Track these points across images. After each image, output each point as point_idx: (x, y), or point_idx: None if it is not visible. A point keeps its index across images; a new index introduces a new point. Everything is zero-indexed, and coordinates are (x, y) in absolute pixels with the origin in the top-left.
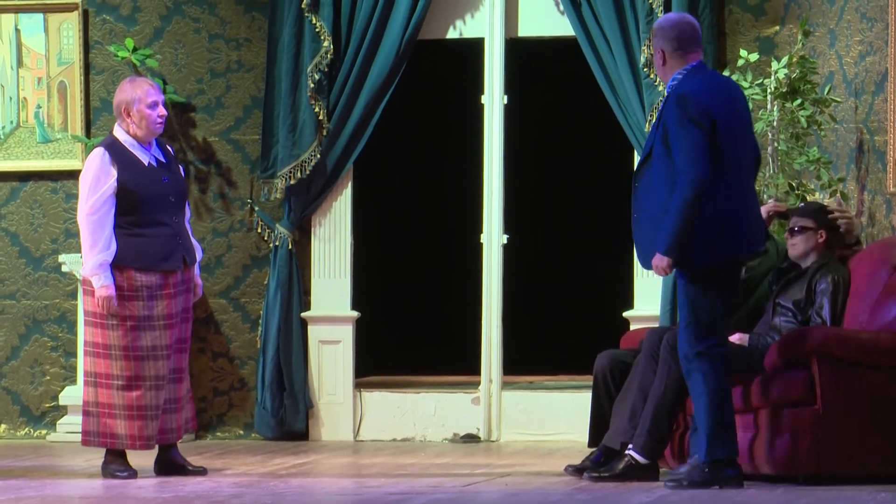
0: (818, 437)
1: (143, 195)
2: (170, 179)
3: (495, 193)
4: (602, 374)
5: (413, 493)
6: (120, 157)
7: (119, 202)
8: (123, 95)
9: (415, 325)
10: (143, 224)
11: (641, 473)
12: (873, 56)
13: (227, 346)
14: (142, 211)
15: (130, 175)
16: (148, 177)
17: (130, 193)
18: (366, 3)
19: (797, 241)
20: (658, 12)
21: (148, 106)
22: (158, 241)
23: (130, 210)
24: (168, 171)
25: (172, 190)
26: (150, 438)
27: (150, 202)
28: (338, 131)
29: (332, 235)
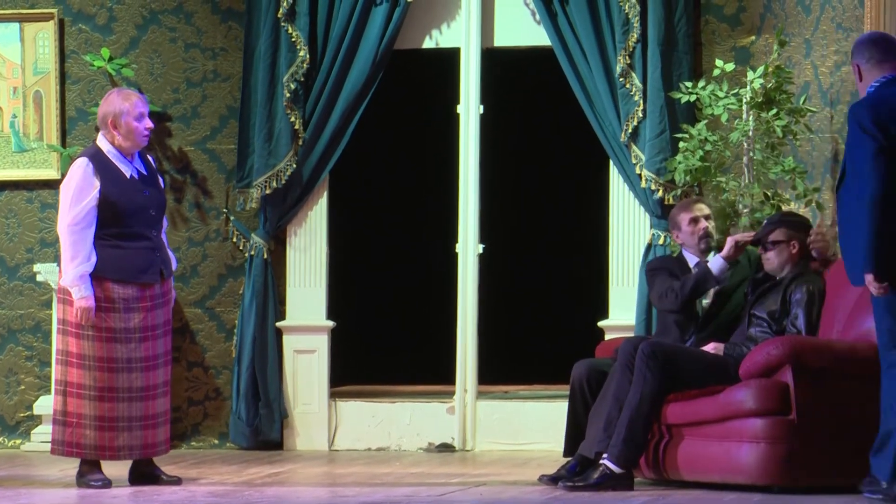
0: (793, 446)
1: (124, 207)
2: (151, 192)
3: (471, 203)
4: (579, 383)
5: (388, 502)
6: (103, 169)
7: (100, 214)
8: (111, 107)
9: (390, 334)
10: (124, 236)
11: (616, 483)
12: (848, 66)
13: (202, 356)
14: (123, 223)
15: (113, 187)
16: (130, 189)
17: (112, 205)
18: (342, 12)
19: (771, 255)
20: (634, 23)
21: (135, 118)
22: (137, 253)
23: (111, 222)
24: (149, 184)
25: (153, 203)
26: (121, 449)
27: (132, 215)
28: (314, 141)
29: (308, 245)
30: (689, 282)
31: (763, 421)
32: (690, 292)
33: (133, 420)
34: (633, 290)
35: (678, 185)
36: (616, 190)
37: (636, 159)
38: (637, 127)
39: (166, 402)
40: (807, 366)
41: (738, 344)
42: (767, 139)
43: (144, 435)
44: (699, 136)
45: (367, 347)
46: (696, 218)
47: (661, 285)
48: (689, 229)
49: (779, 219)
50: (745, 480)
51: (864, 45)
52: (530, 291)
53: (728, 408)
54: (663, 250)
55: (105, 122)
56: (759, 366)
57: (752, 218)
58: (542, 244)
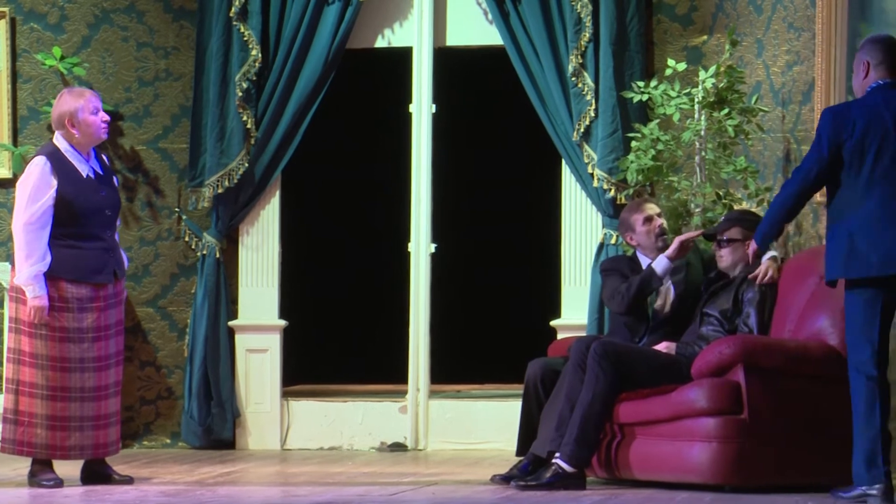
0: (745, 446)
1: (81, 207)
2: (107, 193)
3: (423, 202)
4: (533, 383)
5: (340, 501)
6: (60, 168)
7: (56, 213)
8: (66, 107)
9: (342, 333)
10: (79, 236)
11: (568, 482)
12: (800, 66)
13: (154, 355)
14: (78, 223)
15: (70, 186)
16: (87, 189)
17: (69, 205)
18: (294, 11)
19: (724, 253)
20: (586, 22)
21: (91, 112)
22: (92, 253)
23: (67, 222)
24: (105, 185)
25: (109, 203)
26: (72, 449)
27: (88, 215)
28: (266, 140)
29: (260, 244)
30: (633, 283)
31: (715, 420)
32: (636, 293)
33: (85, 420)
34: (585, 290)
35: (630, 184)
36: (568, 189)
37: (588, 159)
38: (589, 126)
39: (117, 402)
40: (758, 365)
41: (690, 343)
42: (719, 139)
43: (96, 435)
44: (651, 135)
45: (319, 347)
46: (649, 217)
47: (610, 287)
48: (644, 229)
49: (736, 217)
50: (697, 480)
51: (879, 44)
52: (482, 291)
53: (680, 407)
54: (615, 250)
55: (62, 123)
56: (711, 365)
57: (703, 217)
58: (494, 244)
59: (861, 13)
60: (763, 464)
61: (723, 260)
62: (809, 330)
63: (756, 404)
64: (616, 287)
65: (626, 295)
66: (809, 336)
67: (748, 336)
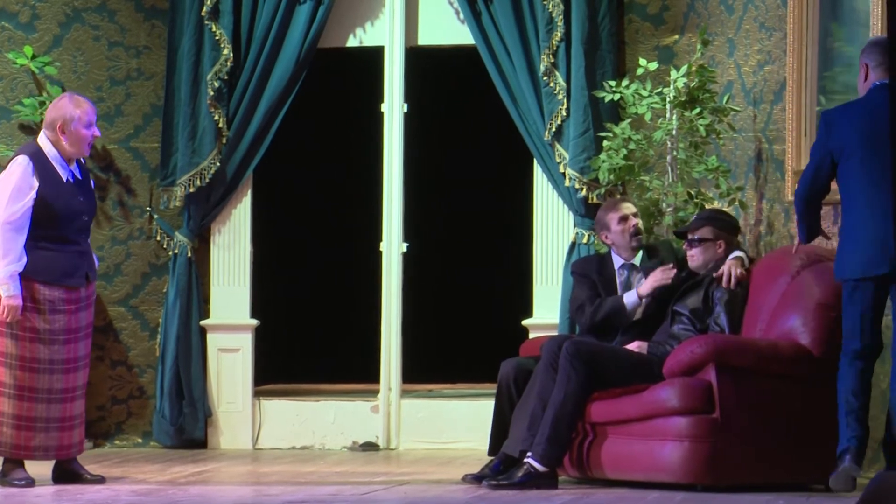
0: (716, 445)
1: (59, 211)
2: (85, 199)
3: (395, 201)
4: (506, 382)
5: (312, 500)
6: (42, 170)
7: (34, 215)
8: (62, 112)
9: (314, 333)
10: (55, 239)
11: (540, 482)
12: (772, 65)
13: (126, 355)
14: (56, 226)
15: (51, 189)
16: (66, 193)
17: (48, 207)
18: (266, 11)
19: (695, 252)
20: (558, 21)
21: (85, 126)
22: (67, 257)
23: (45, 224)
24: (83, 191)
25: (86, 209)
26: (37, 449)
27: (65, 219)
28: (237, 139)
29: (232, 243)
30: (601, 310)
31: (686, 419)
32: (600, 321)
33: (51, 421)
34: (557, 289)
35: (602, 183)
36: (540, 189)
37: (560, 158)
38: (561, 126)
39: (83, 404)
40: (730, 364)
41: (662, 342)
42: (691, 138)
43: (60, 436)
44: (623, 134)
45: (291, 346)
46: (625, 216)
47: (578, 298)
48: (618, 228)
49: (708, 216)
50: (669, 479)
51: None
52: (455, 290)
53: (652, 406)
54: (587, 249)
55: (53, 126)
56: (683, 364)
57: (675, 217)
58: (466, 243)
59: (832, 13)
60: (735, 463)
61: (694, 259)
62: (781, 329)
63: (727, 403)
64: (583, 303)
65: (591, 319)
66: (781, 335)
67: (719, 335)
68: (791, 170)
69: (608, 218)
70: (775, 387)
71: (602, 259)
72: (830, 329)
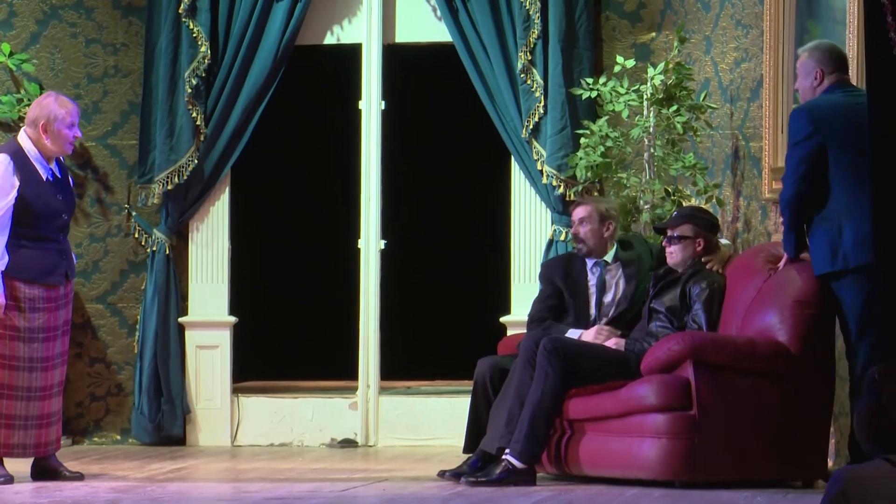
0: (694, 442)
1: (39, 210)
2: (64, 197)
3: (373, 199)
4: (482, 380)
5: (291, 497)
6: (22, 168)
7: (15, 214)
8: (46, 111)
9: (293, 330)
10: (34, 238)
11: (519, 478)
12: (749, 63)
13: (104, 352)
14: (35, 225)
15: (31, 188)
16: (46, 192)
17: (28, 207)
18: (243, 8)
19: (675, 249)
20: (535, 19)
21: (67, 126)
22: (45, 255)
23: (24, 223)
24: (62, 189)
25: (66, 208)
26: (16, 447)
27: (45, 218)
28: (215, 136)
29: (210, 240)
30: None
31: (664, 416)
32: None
33: (29, 419)
34: (534, 287)
35: (579, 181)
36: (517, 186)
37: (537, 155)
38: (538, 123)
39: (60, 401)
40: (707, 361)
41: (639, 339)
42: (668, 135)
43: (38, 434)
44: (600, 132)
45: (269, 343)
46: (571, 221)
47: (535, 306)
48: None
49: (688, 213)
50: (647, 475)
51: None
52: (433, 287)
53: (629, 403)
54: (565, 246)
55: (36, 123)
56: (661, 361)
57: (652, 214)
58: (444, 240)
59: (808, 11)
60: (712, 459)
61: (672, 256)
62: (758, 326)
63: (705, 400)
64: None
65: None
66: (757, 332)
67: (697, 332)
68: (768, 167)
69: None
70: (753, 383)
71: (572, 258)
72: (807, 326)
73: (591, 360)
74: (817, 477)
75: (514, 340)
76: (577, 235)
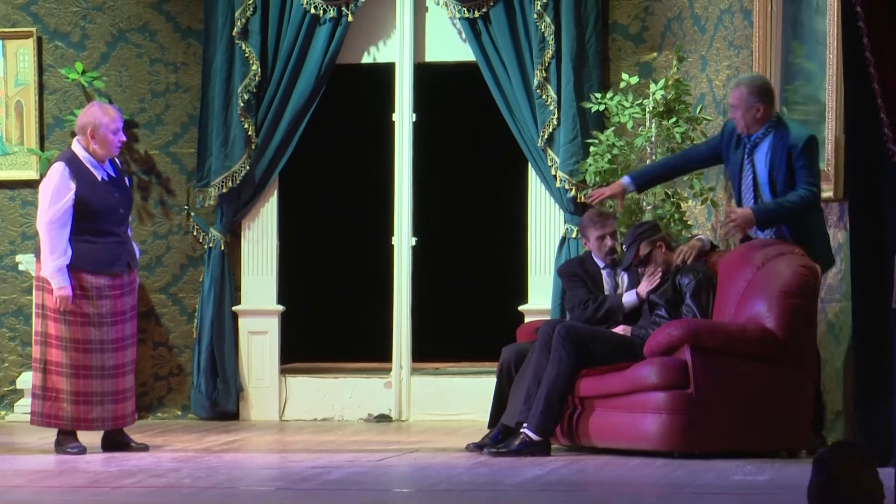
0: (691, 417)
1: (96, 207)
2: (119, 194)
3: (405, 200)
4: (507, 365)
5: (332, 466)
6: (77, 172)
7: (75, 212)
8: (92, 118)
9: (334, 317)
10: (95, 233)
11: (535, 449)
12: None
13: (166, 337)
14: (95, 221)
15: (87, 189)
16: (102, 191)
17: (86, 205)
18: (290, 31)
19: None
20: (549, 40)
21: (112, 132)
22: (107, 247)
23: (85, 220)
24: (118, 186)
25: (122, 203)
26: (94, 421)
27: (103, 214)
28: (265, 145)
29: (260, 238)
30: (602, 308)
31: (664, 394)
32: (601, 318)
33: (105, 395)
34: (549, 278)
35: (589, 185)
36: (534, 189)
37: (552, 162)
38: (552, 133)
39: (133, 378)
40: (703, 345)
41: (643, 326)
42: (668, 144)
43: (115, 408)
44: (607, 141)
45: (313, 329)
46: (602, 236)
47: (576, 297)
48: (595, 244)
49: (633, 238)
50: (649, 447)
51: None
52: (458, 279)
53: (634, 382)
54: (576, 243)
55: (84, 131)
56: (661, 345)
57: (654, 214)
58: (468, 237)
59: (793, 33)
60: (707, 433)
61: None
62: (748, 314)
63: (701, 380)
64: (582, 299)
65: (592, 315)
66: (748, 319)
67: (694, 320)
68: None
69: (589, 232)
70: (744, 365)
71: (583, 260)
72: (792, 314)
73: (601, 345)
74: (801, 447)
75: (532, 326)
76: (613, 248)
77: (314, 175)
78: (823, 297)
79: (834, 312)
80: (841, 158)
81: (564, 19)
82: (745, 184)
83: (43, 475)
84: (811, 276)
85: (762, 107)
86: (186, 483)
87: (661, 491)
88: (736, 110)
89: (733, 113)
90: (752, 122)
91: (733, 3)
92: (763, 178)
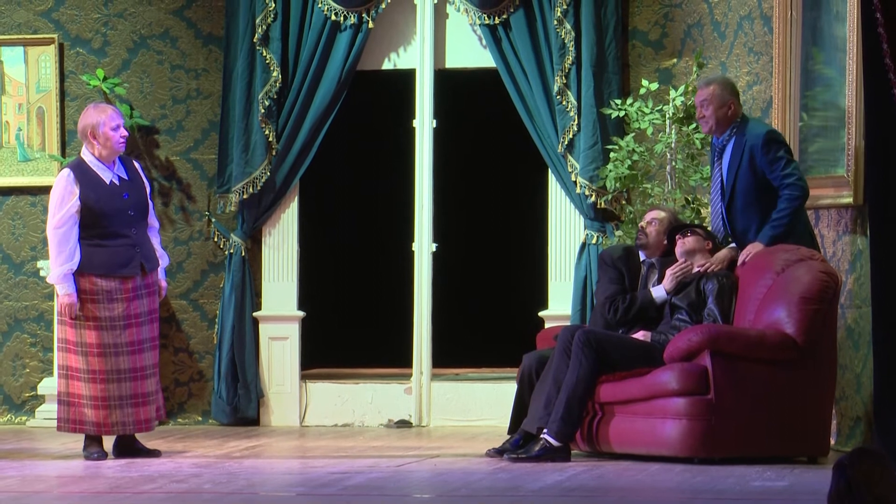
0: (711, 423)
1: (103, 211)
2: (130, 195)
3: (425, 206)
4: (528, 372)
5: (352, 472)
6: (84, 177)
7: (82, 217)
8: (89, 120)
9: (354, 323)
10: (104, 236)
11: (555, 455)
12: (759, 85)
13: (187, 342)
14: (102, 224)
15: (92, 193)
16: (109, 194)
17: (93, 209)
18: (310, 37)
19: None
20: (569, 47)
21: (112, 128)
22: (117, 250)
23: (92, 223)
24: (129, 188)
25: (132, 205)
26: (115, 425)
27: (110, 217)
28: (286, 151)
29: (281, 244)
30: (633, 306)
31: (684, 400)
32: (633, 316)
33: (123, 399)
34: (569, 285)
35: (609, 190)
36: (554, 195)
37: (572, 168)
38: (572, 139)
39: (154, 382)
40: (723, 351)
41: (663, 332)
42: (688, 150)
43: (136, 412)
44: (627, 147)
45: (334, 335)
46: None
47: (606, 291)
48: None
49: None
50: (669, 453)
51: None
52: (478, 285)
53: (654, 388)
54: (596, 249)
55: (85, 134)
56: (682, 351)
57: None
58: (488, 243)
59: (812, 39)
60: (727, 438)
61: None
62: (768, 320)
63: (721, 386)
64: (613, 298)
65: (622, 315)
66: (768, 325)
67: (713, 325)
68: None
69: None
70: (763, 371)
71: (630, 251)
72: (812, 320)
73: (620, 350)
74: (820, 454)
75: (552, 332)
76: (645, 230)
77: (335, 181)
78: (843, 302)
79: (854, 318)
80: (861, 164)
81: (584, 26)
82: (714, 188)
83: (64, 480)
84: (831, 281)
85: (733, 103)
86: (207, 489)
87: (680, 497)
88: (707, 107)
89: (703, 111)
90: (722, 118)
91: (753, 10)
92: (729, 183)
